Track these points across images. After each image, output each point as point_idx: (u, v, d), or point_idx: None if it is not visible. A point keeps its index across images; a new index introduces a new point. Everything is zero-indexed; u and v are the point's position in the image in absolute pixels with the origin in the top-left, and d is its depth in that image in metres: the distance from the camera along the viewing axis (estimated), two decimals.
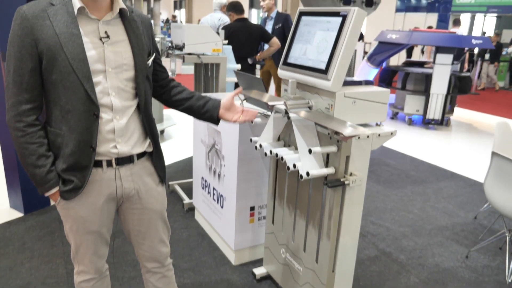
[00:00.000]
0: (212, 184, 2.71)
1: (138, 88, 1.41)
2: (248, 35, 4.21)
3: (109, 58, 1.34)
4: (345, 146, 1.68)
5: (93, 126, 1.34)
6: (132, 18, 1.42)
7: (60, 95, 1.31)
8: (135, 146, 1.46)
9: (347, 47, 1.62)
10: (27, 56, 1.27)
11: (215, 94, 2.74)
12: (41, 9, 1.28)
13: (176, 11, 32.66)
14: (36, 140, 1.33)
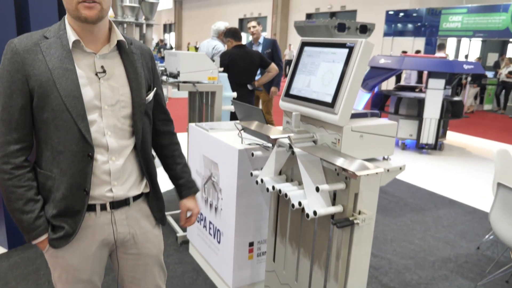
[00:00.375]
0: (209, 218, 2.59)
1: (135, 126, 1.31)
2: (248, 62, 4.20)
3: (105, 94, 1.24)
4: (353, 183, 1.60)
5: (87, 168, 1.23)
6: (130, 50, 1.33)
7: (52, 135, 1.20)
8: (132, 189, 1.35)
9: (354, 80, 1.56)
10: (17, 93, 1.17)
11: (211, 123, 2.65)
12: (33, 43, 1.18)
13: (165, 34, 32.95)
14: (24, 184, 1.21)
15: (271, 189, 1.81)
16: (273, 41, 5.09)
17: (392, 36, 13.39)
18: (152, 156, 1.42)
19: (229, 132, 2.49)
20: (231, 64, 4.09)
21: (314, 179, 1.66)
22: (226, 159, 2.29)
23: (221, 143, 2.32)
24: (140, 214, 1.41)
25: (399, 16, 13.39)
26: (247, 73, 4.24)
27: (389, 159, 1.79)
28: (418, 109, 5.75)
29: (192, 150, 2.72)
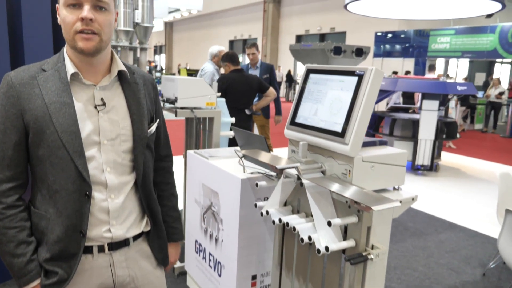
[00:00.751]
0: (208, 249, 2.47)
1: (136, 161, 1.23)
2: (246, 86, 4.12)
3: (104, 128, 1.17)
4: (366, 216, 1.52)
5: (83, 208, 1.14)
6: (133, 80, 1.25)
7: (47, 173, 1.12)
8: (132, 228, 1.26)
9: (365, 109, 1.50)
10: (11, 129, 1.10)
11: (210, 150, 2.57)
12: (30, 76, 1.11)
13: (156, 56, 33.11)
14: (16, 224, 1.12)
15: (278, 222, 1.72)
16: (271, 66, 5.07)
17: (381, 57, 13.59)
18: (153, 192, 1.34)
19: (230, 159, 2.41)
20: (229, 89, 4.01)
21: (324, 212, 1.58)
22: (227, 189, 2.21)
23: (222, 171, 2.24)
24: (140, 255, 1.31)
25: (387, 38, 13.63)
26: (245, 98, 4.16)
27: (400, 189, 1.72)
28: (413, 130, 5.75)
29: (190, 178, 2.63)
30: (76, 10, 1.09)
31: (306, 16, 18.51)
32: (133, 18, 3.80)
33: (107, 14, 1.12)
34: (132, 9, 3.76)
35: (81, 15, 1.07)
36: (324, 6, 17.39)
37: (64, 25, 1.11)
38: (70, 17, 1.09)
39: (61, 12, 1.11)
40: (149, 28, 3.98)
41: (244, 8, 21.68)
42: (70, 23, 1.09)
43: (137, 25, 3.86)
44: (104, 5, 1.11)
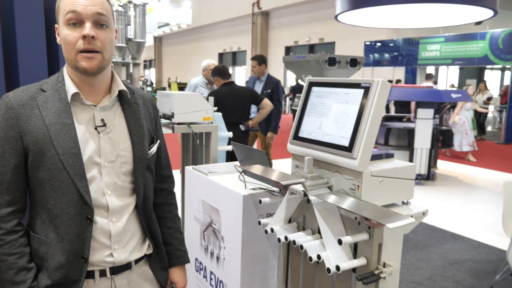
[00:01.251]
0: (209, 268, 2.39)
1: (137, 183, 1.19)
2: (237, 99, 3.98)
3: (105, 150, 1.13)
4: (377, 233, 1.47)
5: (85, 232, 1.10)
6: (133, 100, 1.22)
7: (47, 196, 1.08)
8: (134, 251, 1.22)
9: (373, 122, 1.46)
10: (10, 152, 1.06)
11: (208, 166, 2.51)
12: (29, 97, 1.08)
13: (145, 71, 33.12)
14: (16, 250, 1.08)
15: (283, 240, 1.66)
16: (276, 82, 4.85)
17: (371, 66, 13.72)
18: (154, 215, 1.31)
19: (229, 175, 2.35)
20: (219, 103, 3.86)
21: (333, 229, 1.52)
22: (228, 205, 2.14)
23: (223, 188, 2.17)
24: (142, 278, 1.28)
25: (377, 47, 13.78)
26: (237, 112, 4.02)
27: (409, 203, 1.68)
28: (408, 139, 5.75)
29: (189, 195, 2.56)
30: (77, 28, 1.07)
31: (295, 27, 18.68)
32: (125, 34, 3.76)
33: (108, 31, 1.11)
34: (124, 25, 3.72)
35: (83, 33, 1.05)
36: (312, 17, 17.58)
37: (65, 44, 1.08)
38: (72, 36, 1.06)
39: (61, 32, 1.09)
40: (141, 43, 3.95)
41: (233, 21, 21.82)
42: (71, 42, 1.07)
43: (129, 40, 3.82)
44: (105, 22, 1.09)
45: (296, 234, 1.67)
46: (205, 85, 4.64)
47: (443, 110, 6.08)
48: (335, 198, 1.48)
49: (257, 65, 4.86)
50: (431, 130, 5.54)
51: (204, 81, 4.67)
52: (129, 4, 3.78)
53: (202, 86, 4.62)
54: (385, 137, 6.02)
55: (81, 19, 1.06)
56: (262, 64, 4.89)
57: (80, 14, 1.05)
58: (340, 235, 1.50)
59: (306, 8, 17.60)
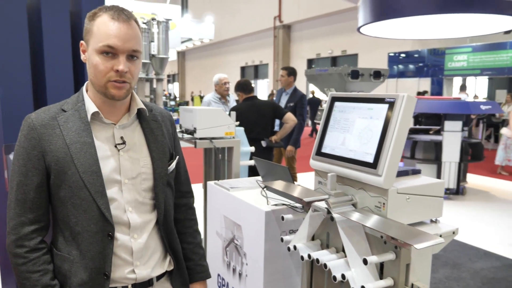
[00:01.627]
0: (231, 284, 2.37)
1: (157, 199, 1.20)
2: (257, 114, 3.87)
3: (125, 167, 1.14)
4: (404, 252, 1.41)
5: (107, 249, 1.11)
6: (151, 118, 1.24)
7: (69, 214, 1.10)
8: (156, 268, 1.22)
9: (398, 138, 1.42)
10: (33, 171, 1.08)
11: (231, 181, 2.50)
12: (51, 117, 1.11)
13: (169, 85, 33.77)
14: (39, 268, 1.09)
15: (307, 258, 1.62)
16: (301, 95, 4.72)
17: (396, 77, 13.51)
18: (174, 230, 1.31)
19: (251, 190, 2.33)
20: (239, 119, 3.76)
21: (358, 248, 1.48)
22: (251, 221, 2.12)
23: (245, 203, 2.16)
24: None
25: (401, 58, 13.58)
26: (259, 127, 3.88)
27: (437, 222, 1.61)
28: (436, 153, 5.59)
29: (211, 210, 2.56)
30: (110, 59, 1.08)
31: (317, 40, 18.68)
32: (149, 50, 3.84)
33: (138, 62, 1.14)
34: (148, 41, 3.81)
35: (117, 68, 1.08)
36: (334, 29, 17.54)
37: (95, 71, 1.10)
38: (104, 66, 1.08)
39: (92, 57, 1.10)
40: (164, 59, 4.02)
41: (255, 35, 22.04)
42: (103, 72, 1.09)
43: (153, 56, 3.90)
44: (137, 54, 1.13)
45: (319, 252, 1.64)
46: (218, 100, 4.59)
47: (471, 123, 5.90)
48: (360, 216, 1.43)
49: (286, 75, 4.79)
50: (460, 143, 5.37)
51: (217, 97, 4.61)
52: (152, 21, 3.87)
53: (216, 101, 4.57)
54: (411, 150, 5.87)
55: (116, 51, 1.08)
56: (291, 76, 4.81)
57: (116, 49, 1.08)
58: (365, 254, 1.46)
59: (328, 20, 17.60)
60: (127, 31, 1.09)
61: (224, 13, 23.15)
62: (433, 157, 5.70)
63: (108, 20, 1.08)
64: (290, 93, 4.82)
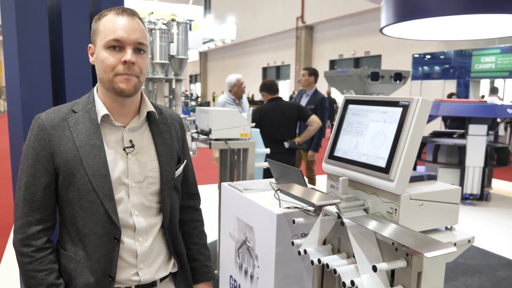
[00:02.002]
0: (243, 286, 2.36)
1: (163, 203, 1.20)
2: (281, 115, 3.81)
3: (133, 170, 1.15)
4: (416, 260, 1.37)
5: (113, 251, 1.12)
6: (161, 120, 1.24)
7: (76, 216, 1.11)
8: (159, 270, 1.23)
9: (412, 142, 1.38)
10: (41, 172, 1.09)
11: (244, 182, 2.49)
12: (61, 118, 1.11)
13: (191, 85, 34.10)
14: (45, 267, 1.10)
15: (316, 262, 1.60)
16: (322, 98, 4.61)
17: (420, 79, 13.21)
18: (179, 234, 1.31)
19: (265, 192, 2.32)
20: (263, 119, 3.78)
21: (368, 254, 1.44)
22: (262, 224, 2.11)
23: (257, 206, 2.15)
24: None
25: (426, 59, 13.27)
26: (282, 128, 3.83)
27: (453, 229, 1.56)
28: (459, 157, 5.43)
29: (225, 211, 2.56)
30: (117, 52, 1.10)
31: (339, 40, 18.48)
32: (168, 51, 3.87)
33: (145, 56, 1.15)
34: (167, 42, 3.84)
35: (124, 59, 1.08)
36: (357, 30, 17.32)
37: (103, 66, 1.11)
38: (111, 60, 1.09)
39: (99, 54, 1.11)
40: (184, 60, 4.04)
41: (277, 35, 21.99)
42: (111, 65, 1.10)
43: (172, 57, 3.93)
44: (144, 47, 1.13)
45: (330, 257, 1.61)
46: (232, 101, 4.55)
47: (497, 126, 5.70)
48: (370, 221, 1.40)
49: (307, 75, 4.72)
50: (485, 147, 5.20)
51: (231, 98, 4.56)
52: (172, 22, 3.90)
53: (230, 103, 4.53)
54: (433, 154, 5.72)
55: (123, 44, 1.09)
56: (311, 76, 4.72)
57: (123, 41, 1.09)
58: (375, 261, 1.42)
59: (351, 21, 17.39)
60: (132, 23, 1.11)
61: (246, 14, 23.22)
62: (456, 161, 5.54)
63: (113, 17, 1.10)
64: (310, 95, 4.74)
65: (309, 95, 4.75)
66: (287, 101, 4.08)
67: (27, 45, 1.99)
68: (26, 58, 1.99)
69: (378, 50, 16.38)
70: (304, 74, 4.76)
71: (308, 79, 4.71)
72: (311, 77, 4.73)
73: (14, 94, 2.08)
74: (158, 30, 3.77)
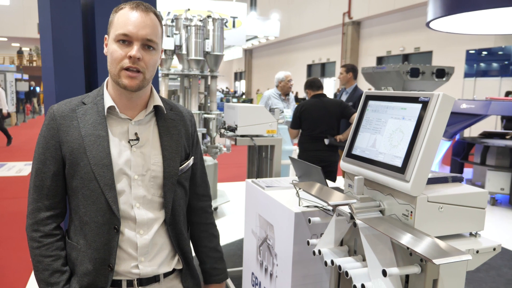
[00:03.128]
0: (264, 283, 2.35)
1: (165, 198, 1.20)
2: (323, 112, 3.73)
3: (136, 163, 1.16)
4: (431, 267, 1.29)
5: (112, 242, 1.14)
6: (169, 116, 1.24)
7: (79, 204, 1.14)
8: (162, 265, 1.22)
9: (430, 142, 1.29)
10: (50, 160, 1.13)
11: (268, 180, 2.47)
12: (71, 109, 1.15)
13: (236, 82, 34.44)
14: (52, 253, 1.14)
15: (330, 264, 1.54)
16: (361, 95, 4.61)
17: (474, 77, 12.45)
18: (184, 231, 1.30)
19: (287, 190, 2.29)
20: (303, 115, 3.72)
21: (381, 257, 1.37)
22: (282, 222, 2.08)
23: (277, 203, 2.12)
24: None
25: (481, 55, 12.47)
26: (323, 125, 3.73)
27: (478, 236, 1.44)
28: (511, 159, 5.05)
29: (249, 208, 2.55)
30: (126, 46, 1.11)
31: (388, 36, 17.83)
32: (203, 47, 3.92)
33: (154, 53, 1.15)
34: (202, 39, 3.89)
35: (130, 54, 1.10)
36: (407, 25, 16.60)
37: (111, 59, 1.13)
38: (119, 53, 1.11)
39: (110, 46, 1.14)
40: (219, 56, 4.08)
41: (322, 32, 21.62)
42: (117, 59, 1.12)
43: (207, 54, 3.97)
44: (153, 44, 1.14)
45: (344, 259, 1.55)
46: (278, 96, 4.64)
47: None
48: (381, 223, 1.33)
49: (344, 72, 4.64)
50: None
51: (277, 93, 4.64)
52: (208, 18, 3.95)
53: (276, 97, 4.61)
54: (482, 156, 5.37)
55: (131, 39, 1.11)
56: (349, 72, 4.63)
57: (131, 36, 1.10)
58: (388, 265, 1.35)
59: (400, 15, 16.71)
60: (143, 19, 1.11)
61: (291, 10, 23.05)
62: (507, 164, 5.16)
63: (127, 11, 1.12)
64: (349, 92, 4.64)
65: (348, 92, 4.66)
66: (330, 98, 3.99)
67: (62, 42, 2.09)
68: (61, 55, 2.09)
69: (429, 46, 15.62)
70: (342, 72, 4.67)
71: (346, 76, 4.62)
72: (349, 73, 4.62)
73: (49, 90, 2.19)
74: (194, 26, 3.83)
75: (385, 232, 1.23)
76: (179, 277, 1.29)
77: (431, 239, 1.21)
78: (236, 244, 3.85)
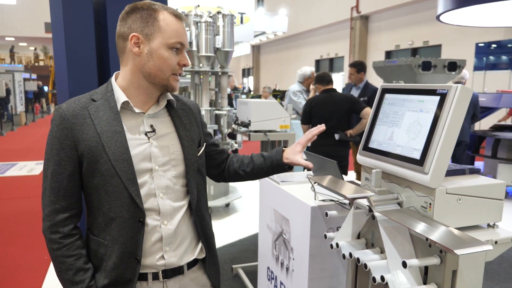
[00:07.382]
0: (280, 278, 2.37)
1: (189, 185, 1.24)
2: (333, 107, 3.72)
3: (155, 154, 1.18)
4: (450, 258, 1.30)
5: (138, 235, 1.16)
6: (179, 107, 1.29)
7: (102, 201, 1.16)
8: (185, 255, 1.25)
9: (449, 133, 1.30)
10: (66, 160, 1.14)
11: (282, 175, 2.49)
12: (81, 107, 1.16)
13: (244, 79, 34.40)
14: (73, 253, 1.16)
15: (348, 256, 1.56)
16: (375, 89, 4.54)
17: (484, 70, 12.32)
18: (207, 217, 1.34)
19: (302, 185, 2.30)
20: (313, 110, 3.68)
21: (400, 249, 1.39)
22: (298, 216, 2.10)
23: (293, 198, 2.14)
24: (195, 284, 1.31)
25: (491, 48, 12.33)
26: (333, 120, 3.70)
27: (496, 227, 1.45)
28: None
29: (263, 203, 2.58)
30: (176, 54, 1.18)
31: (396, 30, 17.68)
32: (214, 43, 3.93)
33: None
34: (213, 35, 3.90)
35: (184, 63, 1.20)
36: (416, 19, 16.45)
37: (164, 64, 1.16)
38: (174, 60, 1.17)
39: (160, 51, 1.15)
40: (229, 52, 4.09)
41: (330, 27, 21.48)
42: (172, 65, 1.17)
43: (217, 50, 3.99)
44: None
45: (362, 252, 1.57)
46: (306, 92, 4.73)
47: None
48: (400, 215, 1.35)
49: (355, 72, 4.64)
50: None
51: (303, 89, 4.72)
52: (218, 14, 3.96)
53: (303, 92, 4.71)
54: (493, 149, 5.33)
55: (181, 49, 1.20)
56: (360, 72, 4.64)
57: (183, 46, 1.19)
58: (408, 257, 1.37)
59: (409, 9, 16.56)
60: (184, 29, 1.21)
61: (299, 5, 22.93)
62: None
63: (173, 18, 1.17)
64: (362, 87, 4.66)
65: (361, 87, 4.68)
66: (341, 93, 3.99)
67: (74, 41, 2.13)
68: (74, 54, 2.12)
69: (438, 39, 15.46)
70: (352, 72, 4.69)
71: (357, 76, 4.68)
72: (360, 73, 4.67)
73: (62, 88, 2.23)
74: (204, 23, 3.84)
75: (406, 224, 1.25)
76: (202, 267, 1.32)
77: (451, 230, 1.22)
78: (250, 240, 3.87)
